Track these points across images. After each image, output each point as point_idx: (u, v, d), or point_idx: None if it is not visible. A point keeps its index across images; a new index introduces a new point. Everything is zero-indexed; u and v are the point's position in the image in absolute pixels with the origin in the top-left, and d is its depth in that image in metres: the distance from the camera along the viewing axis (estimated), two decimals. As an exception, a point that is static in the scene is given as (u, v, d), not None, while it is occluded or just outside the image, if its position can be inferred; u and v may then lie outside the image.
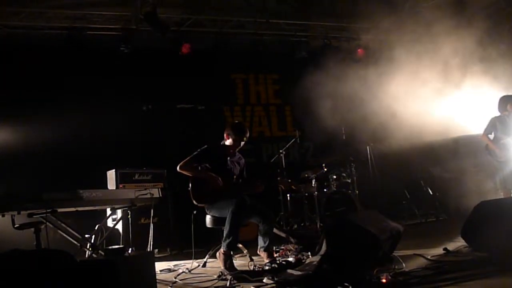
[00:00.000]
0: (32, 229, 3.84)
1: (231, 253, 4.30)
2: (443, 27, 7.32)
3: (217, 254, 4.39)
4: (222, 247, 4.29)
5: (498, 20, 8.56)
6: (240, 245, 4.71)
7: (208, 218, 4.60)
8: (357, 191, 7.20)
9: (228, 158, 4.76)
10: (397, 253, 4.24)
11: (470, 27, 7.49)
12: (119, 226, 5.64)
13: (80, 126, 6.99)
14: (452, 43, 7.56)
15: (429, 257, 4.06)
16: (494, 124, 6.48)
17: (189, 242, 4.90)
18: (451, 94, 7.48)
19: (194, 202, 4.52)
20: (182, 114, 7.90)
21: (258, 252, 4.57)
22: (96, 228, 5.09)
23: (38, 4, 6.91)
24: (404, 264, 3.67)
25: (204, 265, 4.76)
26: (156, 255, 5.41)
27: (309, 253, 4.53)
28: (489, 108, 6.72)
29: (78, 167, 6.62)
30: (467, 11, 7.59)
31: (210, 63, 8.15)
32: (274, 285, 3.56)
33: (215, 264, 4.68)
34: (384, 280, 3.07)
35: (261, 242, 4.53)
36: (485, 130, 6.53)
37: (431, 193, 7.80)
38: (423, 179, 8.06)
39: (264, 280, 3.64)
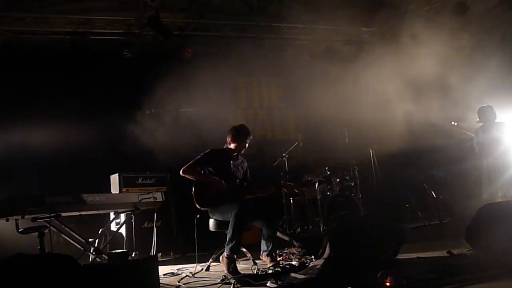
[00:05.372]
0: (36, 234, 3.85)
1: (235, 256, 4.29)
2: (445, 29, 7.33)
3: (221, 257, 4.39)
4: (225, 250, 4.29)
5: (501, 23, 8.56)
6: (243, 249, 4.71)
7: (211, 221, 4.61)
8: (360, 194, 7.20)
9: (231, 161, 4.76)
10: (401, 256, 4.23)
11: (472, 30, 7.52)
12: (123, 230, 5.66)
13: (83, 130, 7.01)
14: (454, 45, 7.57)
15: (433, 260, 4.04)
16: (478, 134, 6.67)
17: (193, 245, 4.90)
18: (454, 96, 7.47)
19: (197, 206, 4.53)
20: (185, 118, 7.94)
21: (261, 256, 4.56)
22: (99, 232, 5.11)
23: (42, 9, 6.94)
24: (408, 268, 3.66)
25: (207, 269, 4.76)
26: (159, 259, 5.41)
27: (313, 257, 4.52)
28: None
29: (82, 171, 6.63)
30: (469, 14, 7.57)
31: (212, 67, 8.16)
32: (277, 288, 3.56)
33: (218, 268, 4.67)
34: (388, 284, 3.06)
35: (264, 246, 4.53)
36: (475, 143, 6.70)
37: (434, 196, 7.78)
38: (426, 182, 8.04)
39: (268, 284, 3.63)
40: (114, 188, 6.15)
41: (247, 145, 4.77)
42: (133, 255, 5.15)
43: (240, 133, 4.73)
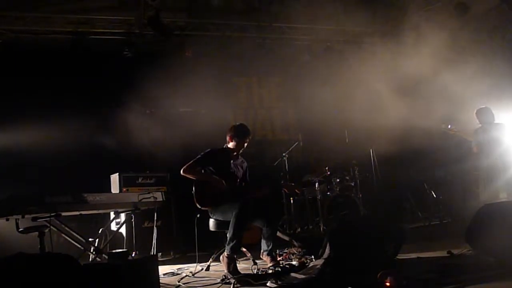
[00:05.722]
0: (36, 233, 3.85)
1: (235, 256, 4.29)
2: (445, 29, 7.33)
3: (221, 257, 4.39)
4: (225, 250, 4.29)
5: (501, 23, 8.56)
6: (243, 249, 4.71)
7: (211, 221, 4.60)
8: (360, 195, 7.20)
9: (232, 161, 4.76)
10: (401, 256, 4.24)
11: (472, 30, 7.51)
12: (123, 230, 5.65)
13: (84, 129, 7.02)
14: (454, 46, 7.57)
15: (433, 260, 4.04)
16: (478, 135, 6.68)
17: (193, 245, 4.90)
18: (454, 96, 7.47)
19: (198, 205, 4.53)
20: (185, 118, 7.94)
21: (261, 256, 4.56)
22: (99, 231, 5.12)
23: (42, 9, 6.95)
24: (408, 268, 3.66)
25: (207, 269, 4.76)
26: (159, 259, 5.41)
27: (313, 257, 4.52)
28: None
29: (82, 171, 6.62)
30: (470, 14, 7.57)
31: (213, 67, 8.16)
32: (277, 288, 3.56)
33: (218, 268, 4.68)
34: (388, 284, 3.06)
35: (264, 246, 4.53)
36: (474, 143, 6.71)
37: (434, 196, 7.79)
38: (427, 182, 8.04)
39: (268, 284, 3.64)
40: (114, 188, 6.15)
41: (245, 144, 4.77)
42: (133, 254, 5.14)
43: (239, 132, 4.73)
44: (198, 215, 4.76)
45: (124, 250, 3.70)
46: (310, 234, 6.70)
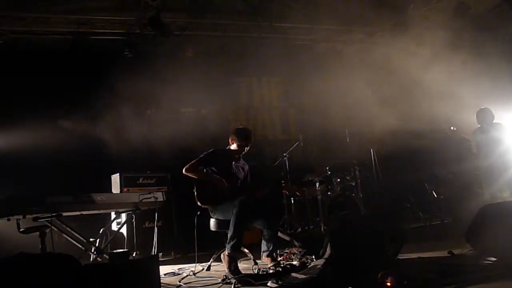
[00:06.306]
0: (37, 233, 3.86)
1: (236, 255, 4.29)
2: (446, 29, 7.33)
3: (222, 255, 4.40)
4: (226, 249, 4.30)
5: (501, 23, 8.56)
6: (245, 249, 4.71)
7: (212, 221, 4.61)
8: (361, 194, 7.20)
9: (233, 162, 4.77)
10: (401, 256, 4.24)
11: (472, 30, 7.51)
12: (124, 230, 5.66)
13: (85, 130, 7.02)
14: (454, 46, 7.57)
15: (433, 260, 4.04)
16: (477, 135, 6.74)
17: (193, 245, 4.91)
18: (454, 96, 7.47)
19: (198, 203, 4.53)
20: (185, 118, 7.94)
21: (261, 257, 4.56)
22: (100, 232, 5.13)
23: (42, 9, 6.94)
24: (408, 267, 3.66)
25: (208, 269, 4.77)
26: (160, 259, 5.42)
27: (313, 257, 4.52)
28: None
29: (82, 171, 6.62)
30: (470, 14, 7.58)
31: (213, 67, 8.16)
32: (278, 288, 3.56)
33: (219, 268, 4.69)
34: (388, 284, 3.07)
35: (264, 247, 4.53)
36: (473, 143, 6.78)
37: (435, 196, 7.78)
38: (427, 182, 8.04)
39: (269, 284, 3.64)
40: (115, 188, 6.16)
41: (247, 147, 4.77)
42: (134, 254, 5.16)
43: (242, 136, 4.73)
44: (199, 212, 4.75)
45: (125, 250, 3.71)
46: (311, 234, 6.70)
